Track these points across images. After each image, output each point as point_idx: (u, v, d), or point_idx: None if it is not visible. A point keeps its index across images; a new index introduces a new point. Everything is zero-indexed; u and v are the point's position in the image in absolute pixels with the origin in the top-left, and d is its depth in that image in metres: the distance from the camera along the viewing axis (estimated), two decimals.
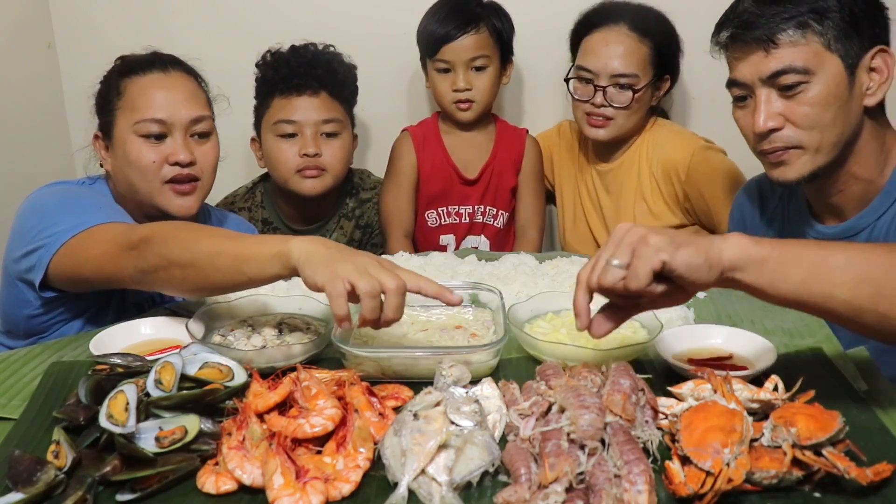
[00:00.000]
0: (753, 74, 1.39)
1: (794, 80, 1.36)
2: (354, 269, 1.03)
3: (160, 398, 0.97)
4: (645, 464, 0.83)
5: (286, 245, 1.09)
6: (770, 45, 1.36)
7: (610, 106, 1.92)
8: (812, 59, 1.35)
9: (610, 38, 1.92)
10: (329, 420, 0.93)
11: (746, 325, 1.28)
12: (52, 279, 1.37)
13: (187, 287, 1.22)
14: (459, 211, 2.14)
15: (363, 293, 1.02)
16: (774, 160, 1.42)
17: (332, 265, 1.04)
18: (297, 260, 1.07)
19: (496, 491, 0.85)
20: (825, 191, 1.47)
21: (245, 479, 0.87)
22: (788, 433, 0.86)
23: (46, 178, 1.62)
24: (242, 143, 2.10)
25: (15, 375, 1.18)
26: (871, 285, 0.93)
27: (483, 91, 2.02)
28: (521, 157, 2.12)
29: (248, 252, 1.13)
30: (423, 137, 2.12)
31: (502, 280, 1.46)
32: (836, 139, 1.38)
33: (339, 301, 1.02)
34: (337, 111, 1.99)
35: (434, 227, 2.14)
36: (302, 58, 1.96)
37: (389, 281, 1.03)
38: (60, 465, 0.89)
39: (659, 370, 1.14)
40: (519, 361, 1.19)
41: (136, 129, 1.51)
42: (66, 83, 2.34)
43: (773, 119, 1.38)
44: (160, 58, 1.59)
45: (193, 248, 1.17)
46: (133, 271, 1.23)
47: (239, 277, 1.14)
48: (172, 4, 2.27)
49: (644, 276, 0.92)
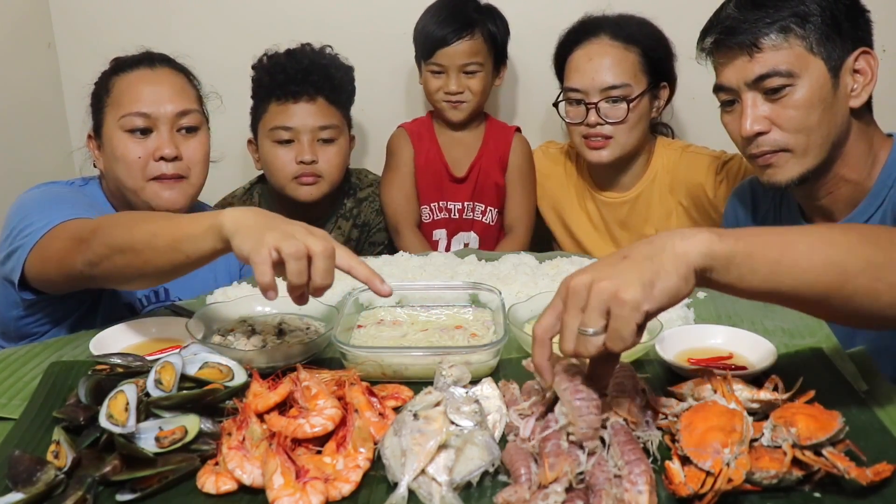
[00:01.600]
0: (739, 79, 1.41)
1: (778, 84, 1.38)
2: (281, 235, 0.99)
3: (160, 398, 0.97)
4: (646, 464, 0.83)
5: (218, 217, 1.05)
6: (754, 50, 1.38)
7: (606, 123, 1.86)
8: (796, 63, 1.37)
9: (592, 51, 1.87)
10: (329, 420, 0.93)
11: (746, 325, 1.28)
12: (30, 280, 1.35)
13: (132, 275, 1.18)
14: (449, 207, 2.16)
15: (287, 254, 0.97)
16: (763, 163, 1.43)
17: (259, 233, 1.00)
18: (228, 231, 1.03)
19: (496, 491, 0.85)
20: (815, 193, 1.48)
21: (245, 479, 0.87)
22: (788, 433, 0.86)
23: (46, 177, 1.62)
24: (241, 145, 2.10)
25: (15, 375, 1.18)
26: (836, 267, 0.91)
27: (474, 93, 2.04)
28: (508, 156, 2.13)
29: (183, 230, 1.09)
30: (418, 134, 2.14)
31: (502, 280, 1.46)
32: (822, 141, 1.40)
33: (263, 268, 0.97)
34: (334, 117, 1.98)
35: (427, 222, 2.16)
36: (298, 63, 1.95)
37: (316, 244, 0.99)
38: (60, 465, 0.89)
39: (659, 370, 1.14)
40: (519, 361, 1.18)
41: (121, 124, 1.50)
42: (66, 83, 2.34)
43: (760, 123, 1.40)
44: (149, 55, 1.58)
45: (132, 232, 1.14)
46: (81, 265, 1.21)
47: (177, 256, 1.10)
48: (172, 4, 2.27)
49: (630, 336, 0.84)
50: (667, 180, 1.96)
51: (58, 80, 2.33)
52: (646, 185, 1.97)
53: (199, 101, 1.59)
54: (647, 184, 1.97)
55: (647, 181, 1.97)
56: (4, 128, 2.06)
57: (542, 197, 2.16)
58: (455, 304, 1.35)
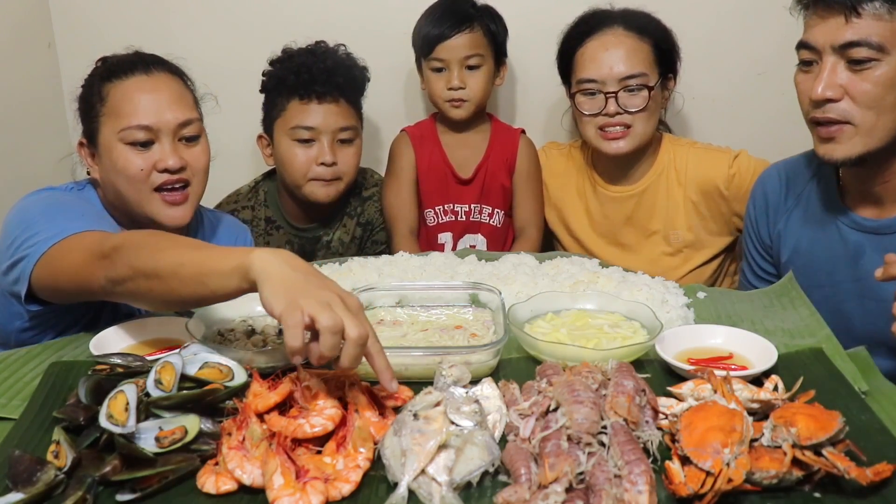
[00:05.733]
0: (826, 40, 1.35)
1: (865, 55, 1.32)
2: (317, 304, 0.94)
3: (160, 398, 0.97)
4: (646, 464, 0.83)
5: (247, 258, 1.01)
6: (852, 14, 1.32)
7: (626, 112, 1.84)
8: (890, 38, 1.31)
9: (608, 41, 1.85)
10: (329, 420, 0.93)
11: (746, 325, 1.28)
12: (36, 291, 1.33)
13: (154, 299, 1.16)
14: (456, 209, 2.14)
15: (324, 328, 0.93)
16: (825, 135, 1.38)
17: (293, 294, 0.96)
18: (256, 274, 1.00)
19: (496, 491, 0.85)
20: (869, 178, 1.44)
21: (245, 479, 0.87)
22: (788, 433, 0.86)
23: (46, 178, 1.61)
24: (242, 143, 2.09)
25: (15, 375, 1.18)
26: None
27: (476, 90, 2.03)
28: (515, 158, 2.11)
29: (210, 264, 1.06)
30: (420, 137, 2.13)
31: (502, 280, 1.46)
32: (892, 124, 1.35)
33: (296, 332, 0.93)
34: (353, 118, 1.99)
35: (432, 226, 2.15)
36: (322, 63, 1.94)
37: (352, 329, 0.94)
38: (60, 465, 0.90)
39: (659, 370, 1.14)
40: (519, 361, 1.19)
41: (121, 137, 1.46)
42: (66, 83, 2.33)
43: (833, 89, 1.35)
44: (142, 58, 1.53)
45: (158, 258, 1.11)
46: (104, 281, 1.19)
47: (202, 290, 1.07)
48: (172, 4, 2.27)
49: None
50: (675, 175, 1.96)
51: (58, 80, 2.33)
52: (653, 180, 1.97)
53: (196, 105, 1.56)
54: (655, 178, 1.97)
55: (654, 175, 1.97)
56: (4, 128, 2.06)
57: (545, 198, 2.16)
58: (455, 304, 1.35)
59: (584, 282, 1.43)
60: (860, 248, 1.47)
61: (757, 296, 1.47)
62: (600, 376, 1.00)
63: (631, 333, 1.21)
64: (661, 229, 1.99)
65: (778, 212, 1.63)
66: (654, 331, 1.16)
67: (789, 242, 1.60)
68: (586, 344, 1.16)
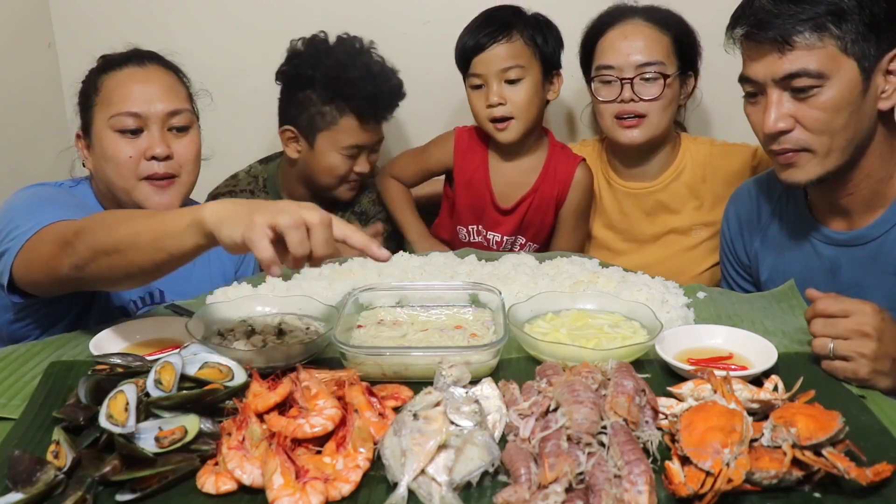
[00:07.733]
0: (766, 74, 1.35)
1: (807, 84, 1.32)
2: (271, 213, 0.97)
3: (160, 398, 0.97)
4: (645, 464, 0.83)
5: (198, 213, 1.03)
6: (785, 47, 1.32)
7: (640, 100, 1.84)
8: (827, 63, 1.31)
9: (628, 31, 1.86)
10: (329, 420, 0.93)
11: (746, 325, 1.28)
12: (19, 283, 1.33)
13: (117, 275, 1.15)
14: (488, 237, 2.02)
15: (284, 227, 0.96)
16: (784, 162, 1.40)
17: (247, 217, 0.98)
18: (211, 224, 1.01)
19: (496, 491, 0.85)
20: (833, 193, 1.45)
21: (245, 479, 0.87)
22: (788, 433, 0.86)
23: (45, 178, 1.61)
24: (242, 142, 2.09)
25: (15, 375, 1.18)
26: None
27: (520, 106, 1.87)
28: (567, 190, 1.95)
29: (164, 227, 1.07)
30: (465, 149, 2.00)
31: (502, 280, 1.46)
32: (846, 143, 1.35)
33: (261, 244, 0.95)
34: (381, 132, 2.06)
35: (464, 243, 2.05)
36: (386, 86, 1.97)
37: (311, 215, 0.98)
38: (60, 465, 0.90)
39: (659, 370, 1.14)
40: (519, 361, 1.19)
41: (111, 124, 1.48)
42: (66, 83, 2.33)
43: (784, 120, 1.35)
44: (138, 53, 1.56)
45: (114, 233, 1.12)
46: (68, 269, 1.19)
47: (160, 255, 1.08)
48: (172, 4, 2.27)
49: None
50: (698, 172, 1.95)
51: (58, 80, 2.33)
52: (673, 177, 1.96)
53: (189, 99, 1.58)
54: (675, 175, 1.96)
55: (674, 172, 1.96)
56: (4, 128, 2.06)
57: None
58: (455, 304, 1.35)
59: (583, 282, 1.43)
60: (836, 262, 1.47)
61: (756, 298, 1.47)
62: (600, 376, 1.00)
63: (631, 333, 1.21)
64: (681, 226, 1.97)
65: (752, 231, 1.63)
66: (654, 331, 1.16)
67: (767, 261, 1.60)
68: (586, 344, 1.16)
